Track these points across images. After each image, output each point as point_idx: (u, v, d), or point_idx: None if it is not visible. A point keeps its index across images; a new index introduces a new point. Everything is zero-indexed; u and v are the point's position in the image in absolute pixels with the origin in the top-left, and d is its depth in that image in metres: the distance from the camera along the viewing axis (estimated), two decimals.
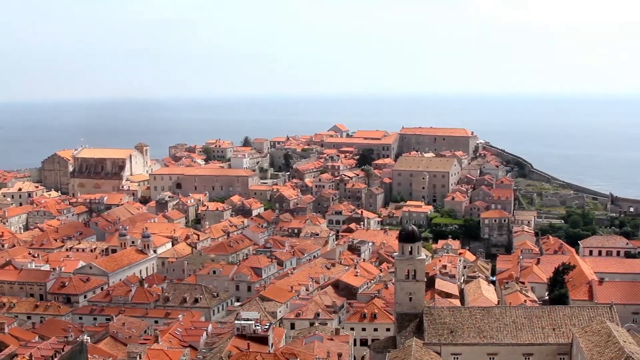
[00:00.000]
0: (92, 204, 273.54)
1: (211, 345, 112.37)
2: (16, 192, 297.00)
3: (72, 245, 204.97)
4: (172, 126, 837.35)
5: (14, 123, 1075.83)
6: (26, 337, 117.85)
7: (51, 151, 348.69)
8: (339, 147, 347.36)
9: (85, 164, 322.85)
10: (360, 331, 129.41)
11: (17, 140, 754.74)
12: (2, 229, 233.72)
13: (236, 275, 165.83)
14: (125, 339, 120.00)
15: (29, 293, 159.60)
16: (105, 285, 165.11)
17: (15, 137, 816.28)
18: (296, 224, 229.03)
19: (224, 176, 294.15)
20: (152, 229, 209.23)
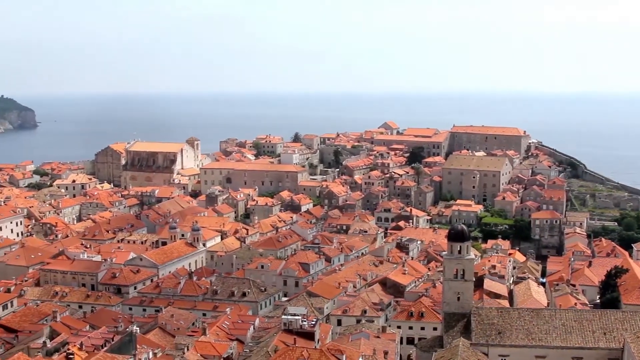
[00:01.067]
0: (143, 196, 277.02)
1: (258, 339, 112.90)
2: (70, 183, 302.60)
3: (123, 237, 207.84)
4: (224, 121, 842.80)
5: (70, 116, 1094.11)
6: (77, 326, 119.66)
7: (105, 144, 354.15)
8: (389, 144, 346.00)
9: (138, 157, 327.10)
10: (407, 330, 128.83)
11: (72, 133, 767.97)
12: (56, 219, 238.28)
13: (284, 270, 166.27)
14: (174, 330, 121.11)
15: (81, 283, 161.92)
16: (155, 277, 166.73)
17: (70, 130, 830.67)
18: (345, 221, 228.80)
19: (274, 171, 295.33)
20: (202, 223, 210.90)
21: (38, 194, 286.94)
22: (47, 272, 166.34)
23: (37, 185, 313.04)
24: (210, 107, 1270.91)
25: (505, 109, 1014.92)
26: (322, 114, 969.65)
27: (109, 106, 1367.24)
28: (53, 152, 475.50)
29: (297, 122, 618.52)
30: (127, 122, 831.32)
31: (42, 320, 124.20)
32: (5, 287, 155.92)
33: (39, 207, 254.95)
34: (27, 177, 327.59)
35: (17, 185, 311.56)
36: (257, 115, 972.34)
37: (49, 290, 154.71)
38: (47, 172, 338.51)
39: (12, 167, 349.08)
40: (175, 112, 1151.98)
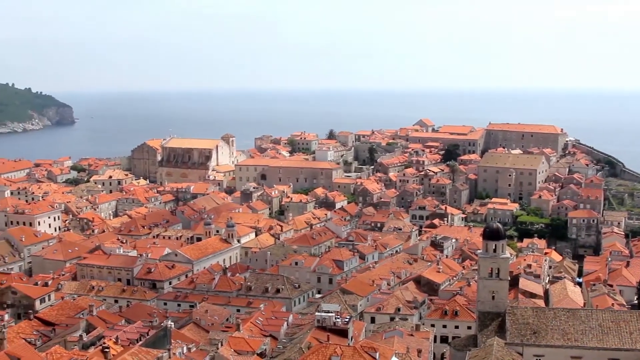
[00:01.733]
0: (178, 192, 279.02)
1: (291, 335, 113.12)
2: (107, 179, 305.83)
3: (159, 233, 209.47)
4: (259, 118, 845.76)
5: (106, 113, 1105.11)
6: (113, 320, 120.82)
7: (141, 140, 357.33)
8: (424, 141, 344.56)
9: (173, 153, 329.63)
10: (441, 328, 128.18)
11: (108, 130, 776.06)
12: (92, 215, 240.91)
13: (318, 267, 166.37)
14: (208, 325, 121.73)
15: (117, 277, 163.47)
16: (189, 273, 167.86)
17: (107, 126, 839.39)
18: (379, 218, 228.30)
19: (309, 168, 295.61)
20: (237, 219, 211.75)
21: (75, 189, 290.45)
22: (84, 266, 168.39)
23: (74, 181, 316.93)
24: (245, 105, 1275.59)
25: (542, 107, 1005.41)
26: (357, 111, 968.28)
27: (145, 103, 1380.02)
28: (90, 148, 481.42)
29: (332, 119, 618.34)
30: (163, 118, 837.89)
31: (79, 314, 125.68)
32: (43, 281, 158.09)
33: (76, 203, 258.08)
34: (64, 172, 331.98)
35: (55, 180, 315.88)
36: (292, 113, 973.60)
37: (86, 284, 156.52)
38: (85, 168, 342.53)
39: (50, 163, 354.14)
40: (210, 109, 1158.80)
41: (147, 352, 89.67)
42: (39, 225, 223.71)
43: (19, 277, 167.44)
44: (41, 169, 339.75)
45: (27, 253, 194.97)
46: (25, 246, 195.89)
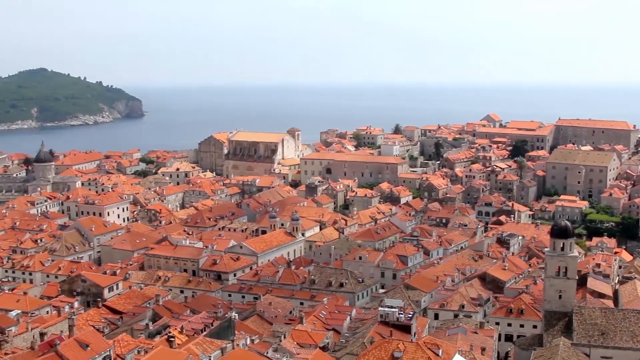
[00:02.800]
0: (244, 185, 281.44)
1: (354, 329, 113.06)
2: (174, 171, 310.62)
3: (224, 225, 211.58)
4: (324, 112, 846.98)
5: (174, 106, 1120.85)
6: (178, 310, 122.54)
7: (208, 133, 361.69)
8: (492, 137, 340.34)
9: (240, 146, 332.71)
10: (506, 326, 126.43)
11: (176, 123, 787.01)
12: (160, 206, 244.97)
13: (382, 262, 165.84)
14: (271, 318, 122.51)
15: (183, 268, 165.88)
16: (254, 265, 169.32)
17: (175, 119, 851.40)
18: (444, 214, 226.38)
19: (374, 163, 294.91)
20: (301, 213, 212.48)
21: (144, 181, 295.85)
22: (151, 257, 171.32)
23: (142, 173, 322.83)
24: (311, 98, 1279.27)
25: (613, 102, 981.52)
26: (424, 105, 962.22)
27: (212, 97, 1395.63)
28: (158, 141, 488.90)
29: (398, 114, 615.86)
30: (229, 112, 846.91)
31: (145, 303, 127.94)
32: (111, 270, 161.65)
33: (145, 194, 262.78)
34: (133, 164, 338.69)
35: (124, 172, 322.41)
36: (358, 107, 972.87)
37: (153, 274, 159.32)
38: (153, 160, 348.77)
39: (119, 155, 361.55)
40: (277, 102, 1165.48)
41: (211, 343, 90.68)
42: (108, 216, 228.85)
43: (88, 266, 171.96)
44: (111, 160, 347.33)
45: (97, 243, 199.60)
46: (94, 236, 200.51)
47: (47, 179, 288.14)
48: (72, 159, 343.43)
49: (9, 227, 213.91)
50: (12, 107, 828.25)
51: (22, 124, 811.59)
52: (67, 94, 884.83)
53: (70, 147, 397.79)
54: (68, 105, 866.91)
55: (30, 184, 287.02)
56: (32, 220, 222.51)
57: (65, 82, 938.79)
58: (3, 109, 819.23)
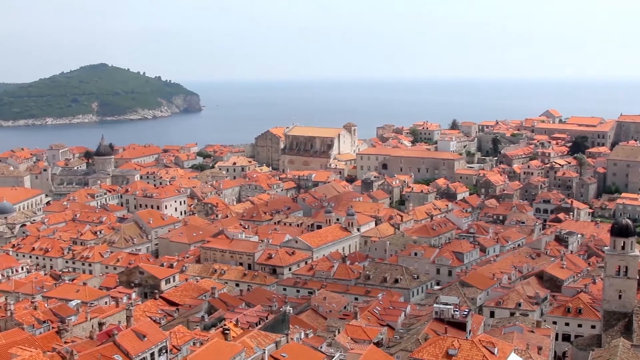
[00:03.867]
0: (300, 180, 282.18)
1: (408, 326, 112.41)
2: (231, 165, 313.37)
3: (280, 219, 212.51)
4: (381, 107, 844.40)
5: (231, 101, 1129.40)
6: (234, 303, 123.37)
7: (264, 128, 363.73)
8: (551, 133, 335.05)
9: (296, 141, 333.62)
10: (563, 326, 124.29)
11: (233, 117, 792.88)
12: (216, 200, 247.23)
13: (437, 258, 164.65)
14: (326, 312, 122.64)
15: (238, 262, 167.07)
16: (309, 260, 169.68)
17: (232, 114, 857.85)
18: (501, 211, 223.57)
19: (430, 158, 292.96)
20: (357, 208, 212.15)
21: (201, 175, 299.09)
22: (207, 250, 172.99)
23: (200, 167, 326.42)
24: (368, 94, 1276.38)
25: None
26: (482, 101, 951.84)
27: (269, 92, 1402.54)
28: (215, 135, 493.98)
29: (455, 109, 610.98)
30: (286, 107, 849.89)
31: (201, 295, 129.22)
32: (168, 262, 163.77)
33: (202, 188, 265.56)
34: (191, 158, 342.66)
35: (182, 166, 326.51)
36: (414, 102, 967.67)
37: (209, 267, 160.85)
38: (210, 154, 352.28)
39: (177, 149, 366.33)
40: (333, 97, 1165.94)
41: (265, 336, 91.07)
42: (165, 209, 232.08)
43: (146, 258, 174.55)
44: (169, 154, 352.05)
45: (154, 235, 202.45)
46: (152, 228, 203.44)
47: (107, 172, 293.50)
48: (131, 153, 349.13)
49: (69, 219, 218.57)
50: (74, 101, 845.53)
51: (83, 118, 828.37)
52: (126, 89, 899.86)
53: (130, 141, 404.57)
54: (127, 99, 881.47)
55: (90, 177, 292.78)
56: (92, 213, 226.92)
57: (125, 77, 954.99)
58: (65, 104, 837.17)
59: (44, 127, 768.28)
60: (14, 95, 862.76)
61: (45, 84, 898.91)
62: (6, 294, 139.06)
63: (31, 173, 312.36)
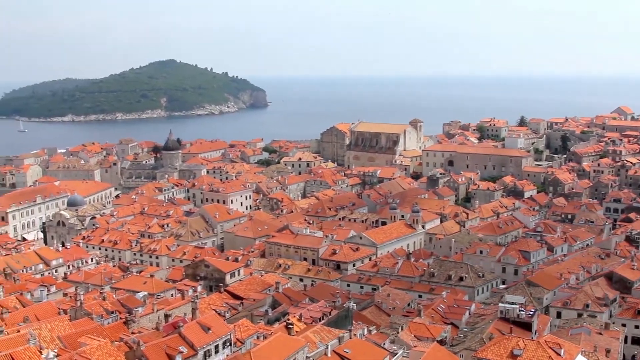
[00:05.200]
0: (365, 176, 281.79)
1: (473, 325, 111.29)
2: (296, 161, 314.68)
3: (345, 215, 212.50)
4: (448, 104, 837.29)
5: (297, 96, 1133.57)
6: (298, 298, 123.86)
7: (330, 124, 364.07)
8: (622, 130, 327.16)
9: (361, 137, 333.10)
10: (633, 328, 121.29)
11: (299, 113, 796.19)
12: (282, 195, 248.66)
13: (503, 257, 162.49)
14: (389, 309, 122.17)
15: (303, 257, 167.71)
16: (373, 256, 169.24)
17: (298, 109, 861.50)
18: (570, 209, 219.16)
19: (497, 156, 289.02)
20: (422, 205, 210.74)
21: (266, 170, 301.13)
22: (272, 244, 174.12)
23: (265, 162, 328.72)
24: (435, 90, 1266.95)
25: None
26: (551, 97, 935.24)
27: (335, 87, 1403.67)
28: (281, 131, 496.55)
29: (523, 106, 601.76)
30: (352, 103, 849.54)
31: (266, 290, 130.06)
32: (233, 256, 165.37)
33: (267, 183, 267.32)
34: (257, 153, 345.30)
35: (248, 161, 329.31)
36: (482, 98, 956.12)
37: (273, 262, 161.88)
38: (276, 149, 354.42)
39: (243, 144, 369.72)
40: (399, 94, 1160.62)
41: (329, 331, 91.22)
42: (231, 204, 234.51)
43: (212, 251, 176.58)
44: (235, 149, 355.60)
45: (220, 229, 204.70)
46: (218, 222, 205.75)
47: (175, 167, 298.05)
48: (198, 148, 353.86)
49: (138, 212, 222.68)
50: (143, 97, 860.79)
51: (151, 113, 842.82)
52: (194, 85, 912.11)
53: (197, 136, 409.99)
54: (195, 95, 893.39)
55: (158, 171, 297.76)
56: (159, 206, 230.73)
57: (192, 72, 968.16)
58: (134, 99, 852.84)
59: (113, 122, 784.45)
60: (85, 91, 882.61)
61: (115, 80, 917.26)
62: (76, 285, 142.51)
63: (101, 167, 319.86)
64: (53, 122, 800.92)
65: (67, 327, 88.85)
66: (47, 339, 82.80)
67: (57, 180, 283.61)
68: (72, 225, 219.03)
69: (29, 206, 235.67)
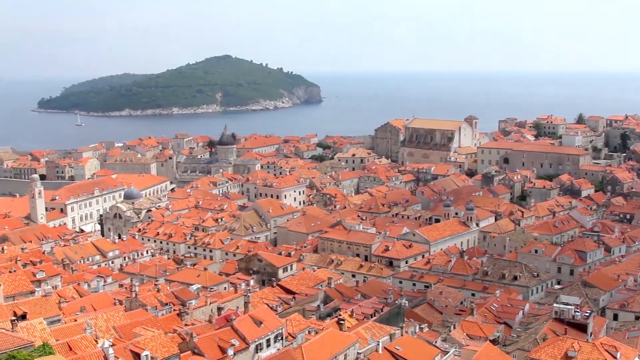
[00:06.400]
0: (419, 173, 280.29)
1: (526, 325, 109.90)
2: (350, 157, 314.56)
3: (398, 212, 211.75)
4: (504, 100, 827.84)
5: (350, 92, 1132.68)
6: (349, 294, 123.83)
7: (384, 120, 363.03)
8: None
9: (416, 133, 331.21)
10: None
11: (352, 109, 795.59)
12: (335, 191, 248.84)
13: (559, 257, 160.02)
14: (442, 307, 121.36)
15: (355, 253, 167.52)
16: (426, 253, 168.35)
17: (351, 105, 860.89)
18: (629, 209, 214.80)
19: (554, 153, 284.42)
20: (476, 202, 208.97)
21: (320, 165, 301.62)
22: (325, 240, 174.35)
23: (319, 157, 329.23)
24: (491, 86, 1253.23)
25: None
26: (610, 94, 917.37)
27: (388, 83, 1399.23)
28: (335, 126, 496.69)
29: (581, 103, 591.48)
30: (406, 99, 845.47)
31: (318, 285, 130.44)
32: (286, 251, 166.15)
33: (321, 178, 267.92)
34: (311, 149, 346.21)
35: (302, 156, 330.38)
36: (539, 95, 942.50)
37: (326, 257, 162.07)
38: (330, 145, 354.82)
39: (297, 140, 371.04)
40: (455, 90, 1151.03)
41: (380, 328, 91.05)
42: (285, 199, 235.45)
43: (265, 246, 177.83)
44: (289, 145, 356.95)
45: (273, 224, 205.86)
46: (271, 217, 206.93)
47: (229, 161, 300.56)
48: (252, 143, 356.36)
49: (192, 206, 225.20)
50: (199, 92, 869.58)
51: (207, 108, 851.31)
52: (249, 80, 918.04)
53: (251, 131, 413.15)
54: (250, 90, 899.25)
55: (213, 166, 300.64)
56: (213, 200, 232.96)
57: (248, 68, 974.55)
58: (190, 94, 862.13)
59: (170, 117, 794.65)
60: (142, 85, 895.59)
61: (172, 75, 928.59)
62: (132, 276, 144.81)
63: (157, 161, 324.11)
64: (111, 116, 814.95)
65: (122, 318, 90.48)
66: (103, 328, 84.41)
67: (114, 173, 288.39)
68: (128, 218, 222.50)
69: (87, 198, 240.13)
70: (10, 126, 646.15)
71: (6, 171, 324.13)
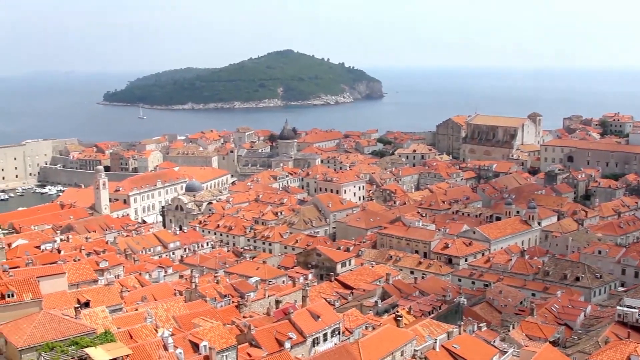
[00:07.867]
0: (480, 170, 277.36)
1: (588, 327, 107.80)
2: (411, 153, 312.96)
3: (458, 209, 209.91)
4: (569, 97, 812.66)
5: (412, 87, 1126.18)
6: (408, 290, 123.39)
7: (446, 116, 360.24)
8: None
9: (478, 130, 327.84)
10: None
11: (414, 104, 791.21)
12: (395, 186, 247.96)
13: (624, 258, 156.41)
14: (501, 307, 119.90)
15: (414, 249, 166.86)
16: (486, 251, 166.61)
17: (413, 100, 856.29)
18: None
19: (621, 152, 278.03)
20: (539, 201, 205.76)
21: (380, 161, 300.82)
22: (384, 236, 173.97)
23: (380, 153, 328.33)
24: (556, 83, 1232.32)
25: None
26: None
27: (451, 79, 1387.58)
28: (396, 122, 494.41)
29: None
30: (468, 95, 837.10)
31: (376, 280, 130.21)
32: (345, 246, 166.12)
33: (381, 174, 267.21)
34: (371, 144, 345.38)
35: (362, 151, 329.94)
36: (606, 92, 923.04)
37: (384, 253, 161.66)
38: (390, 140, 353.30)
39: (358, 135, 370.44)
40: (518, 86, 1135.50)
41: (438, 326, 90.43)
42: (344, 194, 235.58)
43: (323, 240, 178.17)
44: (350, 140, 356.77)
45: (333, 219, 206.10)
46: (331, 212, 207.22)
47: (290, 156, 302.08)
48: (313, 137, 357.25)
49: (252, 199, 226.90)
50: (261, 86, 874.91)
51: (268, 102, 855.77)
52: (310, 75, 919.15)
53: (312, 126, 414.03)
54: (311, 85, 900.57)
55: (273, 160, 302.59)
56: (274, 194, 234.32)
57: (309, 63, 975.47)
58: (252, 88, 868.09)
59: (231, 111, 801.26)
60: (205, 79, 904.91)
61: (234, 69, 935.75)
62: (192, 267, 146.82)
63: (219, 154, 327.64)
64: (174, 109, 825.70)
65: (182, 308, 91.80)
66: (163, 318, 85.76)
67: (176, 165, 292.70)
68: (190, 210, 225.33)
69: (150, 190, 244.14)
70: (77, 118, 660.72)
71: (72, 162, 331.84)
